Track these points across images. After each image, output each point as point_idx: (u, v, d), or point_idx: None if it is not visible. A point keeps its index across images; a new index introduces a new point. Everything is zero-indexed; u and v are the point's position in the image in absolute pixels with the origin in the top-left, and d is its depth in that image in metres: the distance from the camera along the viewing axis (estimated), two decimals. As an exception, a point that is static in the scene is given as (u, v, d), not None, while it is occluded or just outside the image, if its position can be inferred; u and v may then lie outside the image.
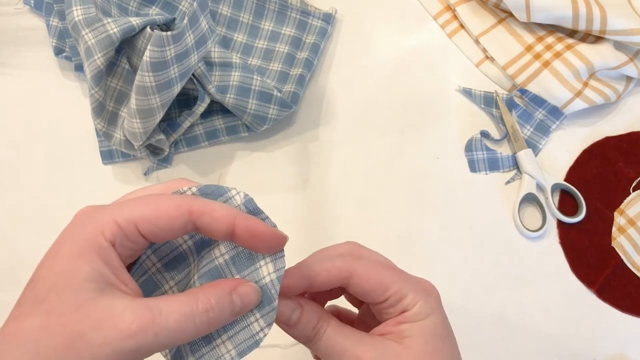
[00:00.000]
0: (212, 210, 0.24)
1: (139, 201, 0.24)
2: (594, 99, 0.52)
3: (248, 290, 0.25)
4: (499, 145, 0.53)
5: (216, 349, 0.26)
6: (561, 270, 0.49)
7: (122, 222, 0.23)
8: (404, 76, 0.55)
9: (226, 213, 0.24)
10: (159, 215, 0.24)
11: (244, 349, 0.26)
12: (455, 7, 0.57)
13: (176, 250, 0.27)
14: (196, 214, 0.24)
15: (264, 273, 0.26)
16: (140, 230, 0.23)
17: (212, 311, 0.24)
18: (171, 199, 0.24)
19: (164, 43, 0.39)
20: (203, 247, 0.27)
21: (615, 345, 0.47)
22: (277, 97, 0.49)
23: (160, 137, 0.46)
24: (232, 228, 0.24)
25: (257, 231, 0.25)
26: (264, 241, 0.25)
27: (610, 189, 0.51)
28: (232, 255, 0.26)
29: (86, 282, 0.22)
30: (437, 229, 0.50)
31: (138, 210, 0.24)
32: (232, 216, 0.24)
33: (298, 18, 0.55)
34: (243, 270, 0.26)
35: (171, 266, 0.27)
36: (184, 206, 0.24)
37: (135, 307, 0.22)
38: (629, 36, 0.50)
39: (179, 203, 0.24)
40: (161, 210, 0.24)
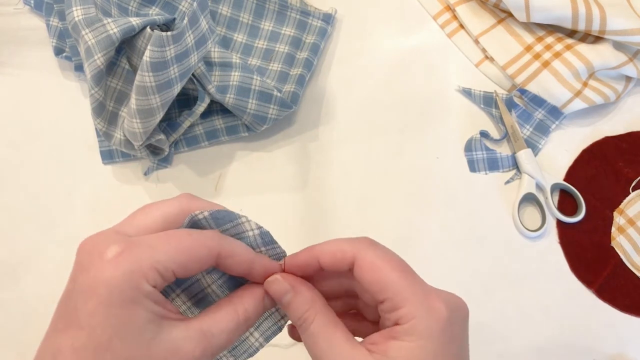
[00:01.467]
0: (237, 254, 0.27)
1: (172, 243, 0.25)
2: (594, 98, 0.52)
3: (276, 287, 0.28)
4: (498, 145, 0.53)
5: (246, 341, 0.29)
6: (561, 270, 0.49)
7: (161, 269, 0.24)
8: (404, 76, 0.55)
9: (247, 259, 0.27)
10: (192, 260, 0.25)
11: (269, 335, 0.29)
12: (454, 7, 0.57)
13: (203, 292, 0.29)
14: (223, 257, 0.26)
15: None
16: (175, 273, 0.25)
17: (251, 320, 0.27)
18: (201, 241, 0.26)
19: (164, 43, 0.39)
20: (227, 289, 0.30)
21: (615, 345, 0.47)
22: (277, 97, 0.49)
23: (160, 137, 0.46)
24: (249, 272, 0.27)
25: (265, 274, 0.28)
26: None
27: (609, 189, 0.51)
28: None
29: (147, 325, 0.24)
30: (436, 229, 0.50)
31: (174, 256, 0.25)
32: (251, 261, 0.27)
33: (298, 18, 0.55)
34: None
35: (199, 305, 0.29)
36: (214, 250, 0.26)
37: (192, 336, 0.25)
38: (629, 36, 0.50)
39: (209, 246, 0.26)
40: (194, 255, 0.25)
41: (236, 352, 0.29)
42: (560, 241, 0.50)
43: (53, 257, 0.47)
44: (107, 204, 0.50)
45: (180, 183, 0.51)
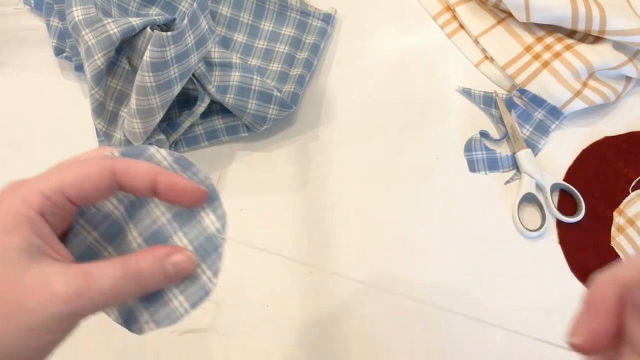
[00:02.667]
0: (134, 168, 0.25)
1: (62, 168, 0.25)
2: (593, 99, 0.52)
3: (182, 258, 0.26)
4: (498, 145, 0.53)
5: (170, 303, 0.27)
6: (560, 270, 0.49)
7: (48, 191, 0.24)
8: (404, 76, 0.55)
9: (147, 170, 0.26)
10: (83, 179, 0.24)
11: (196, 300, 0.27)
12: (454, 7, 0.57)
13: (109, 217, 0.28)
14: (119, 173, 0.25)
15: (207, 223, 0.28)
16: (67, 196, 0.24)
17: (142, 276, 0.25)
18: (93, 162, 0.25)
19: (164, 43, 0.39)
20: (135, 210, 0.28)
21: (615, 345, 0.47)
22: (277, 97, 0.49)
23: (160, 137, 0.46)
24: (154, 185, 0.26)
25: (177, 186, 0.26)
26: (185, 195, 0.26)
27: (609, 189, 0.51)
28: (173, 213, 0.28)
29: (18, 253, 0.23)
30: (436, 229, 0.50)
31: (63, 177, 0.24)
32: (153, 173, 0.26)
33: (298, 18, 0.55)
34: (185, 225, 0.27)
35: (107, 233, 0.28)
36: (106, 167, 0.25)
37: (69, 273, 0.23)
38: (628, 36, 0.50)
39: (101, 165, 0.25)
40: (85, 173, 0.25)
41: (157, 317, 0.27)
42: (560, 241, 0.50)
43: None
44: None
45: (180, 183, 0.51)
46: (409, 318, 0.47)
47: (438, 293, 0.48)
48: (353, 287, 0.48)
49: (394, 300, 0.48)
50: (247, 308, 0.47)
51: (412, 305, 0.48)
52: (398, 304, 0.48)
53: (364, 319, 0.47)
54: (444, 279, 0.48)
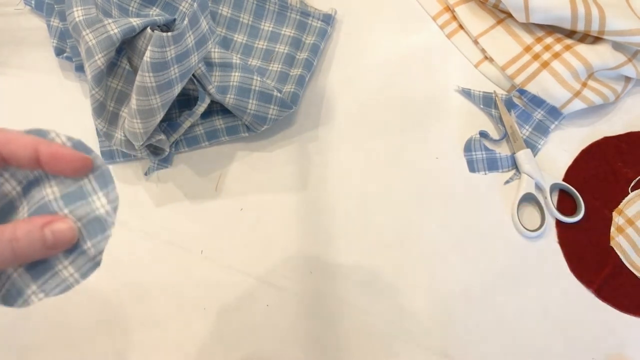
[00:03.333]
0: (16, 139, 0.25)
1: None
2: (593, 99, 0.52)
3: (62, 226, 0.26)
4: (498, 145, 0.53)
5: (59, 274, 0.28)
6: (560, 270, 0.49)
7: None
8: (404, 77, 0.55)
9: (29, 140, 0.26)
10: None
11: (86, 271, 0.28)
12: (454, 7, 0.57)
13: (6, 197, 0.28)
14: (1, 145, 0.25)
15: (97, 205, 0.28)
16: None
17: (16, 242, 0.25)
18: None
19: (165, 44, 0.39)
20: (30, 188, 0.29)
21: (614, 345, 0.47)
22: (277, 98, 0.49)
23: (160, 137, 0.46)
24: (37, 154, 0.26)
25: (59, 154, 0.26)
26: (68, 163, 0.26)
27: (609, 189, 0.51)
28: (62, 192, 0.28)
29: None
30: (436, 229, 0.50)
31: None
32: (35, 142, 0.26)
33: (298, 19, 0.55)
34: (72, 204, 0.28)
35: (1, 212, 0.28)
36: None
37: None
38: (628, 37, 0.51)
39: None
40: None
41: (46, 287, 0.28)
42: (560, 241, 0.50)
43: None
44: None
45: (181, 183, 0.51)
46: (408, 318, 0.47)
47: (438, 293, 0.48)
48: (353, 287, 0.48)
49: (394, 300, 0.48)
50: (247, 308, 0.47)
51: (412, 304, 0.48)
52: (398, 303, 0.48)
53: (364, 319, 0.47)
54: (443, 278, 0.48)
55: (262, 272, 0.48)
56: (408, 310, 0.48)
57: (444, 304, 0.48)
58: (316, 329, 0.47)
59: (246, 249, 0.49)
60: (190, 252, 0.48)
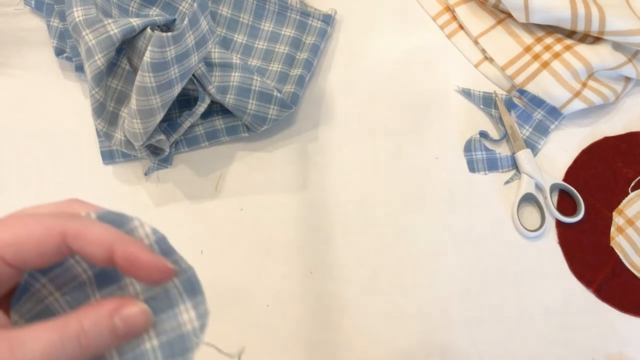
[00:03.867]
0: (88, 232, 0.21)
1: (4, 224, 0.21)
2: (593, 99, 0.52)
3: (133, 311, 0.22)
4: (498, 145, 0.53)
5: None
6: (560, 270, 0.49)
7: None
8: (404, 77, 0.55)
9: (103, 236, 0.22)
10: (24, 240, 0.21)
11: None
12: (454, 7, 0.57)
13: (75, 280, 0.25)
14: (70, 236, 0.21)
15: (184, 319, 0.24)
16: (4, 258, 0.21)
17: (84, 336, 0.21)
18: (42, 220, 0.21)
19: (164, 44, 0.39)
20: (106, 280, 0.25)
21: (614, 345, 0.47)
22: (277, 98, 0.49)
23: (160, 137, 0.46)
24: (111, 254, 0.22)
25: (136, 261, 0.22)
26: (146, 272, 0.22)
27: (608, 189, 0.51)
28: (145, 293, 0.24)
29: None
30: (436, 229, 0.50)
31: (1, 235, 0.21)
32: (110, 240, 0.22)
33: (298, 19, 0.55)
34: (159, 314, 0.24)
35: (71, 297, 0.25)
36: (55, 228, 0.21)
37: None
38: (628, 37, 0.51)
39: (49, 225, 0.21)
40: (28, 233, 0.21)
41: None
42: (560, 241, 0.50)
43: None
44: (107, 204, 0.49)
45: (181, 183, 0.51)
46: (408, 318, 0.47)
47: (437, 293, 0.48)
48: (353, 287, 0.48)
49: (394, 300, 0.48)
50: (247, 308, 0.47)
51: (412, 305, 0.48)
52: (398, 303, 0.48)
53: (364, 319, 0.47)
54: (443, 278, 0.48)
55: (262, 272, 0.48)
56: (408, 310, 0.48)
57: (443, 303, 0.48)
58: (316, 329, 0.47)
59: (246, 249, 0.49)
60: (190, 252, 0.48)
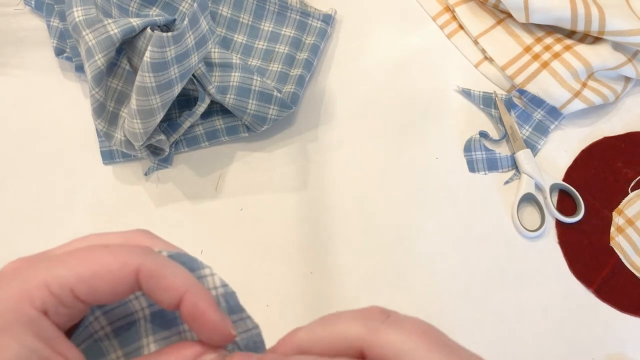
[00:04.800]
0: (164, 276, 0.20)
1: (77, 256, 0.20)
2: (593, 99, 0.52)
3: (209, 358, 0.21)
4: (498, 145, 0.53)
5: None
6: (560, 270, 0.49)
7: (54, 286, 0.19)
8: (403, 77, 0.55)
9: (178, 283, 0.21)
10: (99, 276, 0.20)
11: None
12: (454, 7, 0.57)
13: (130, 316, 0.23)
14: (144, 276, 0.20)
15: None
16: (76, 294, 0.20)
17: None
18: (118, 254, 0.20)
19: (165, 44, 0.39)
20: (163, 322, 0.23)
21: (614, 345, 0.47)
22: (277, 98, 0.49)
23: (160, 137, 0.46)
24: (179, 303, 0.21)
25: (203, 316, 0.21)
26: (208, 331, 0.21)
27: (608, 189, 0.51)
28: None
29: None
30: (436, 229, 0.50)
31: (75, 269, 0.20)
32: (184, 289, 0.21)
33: (298, 19, 0.55)
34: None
35: (122, 335, 0.23)
36: (130, 265, 0.20)
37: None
38: (628, 37, 0.51)
39: (125, 261, 0.20)
40: (103, 269, 0.20)
41: None
42: (559, 241, 0.50)
43: (54, 257, 0.47)
44: (107, 204, 0.50)
45: (181, 183, 0.51)
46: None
47: (438, 293, 0.48)
48: (353, 287, 0.48)
49: (394, 300, 0.48)
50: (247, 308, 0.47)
51: (412, 305, 0.48)
52: (398, 303, 0.48)
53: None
54: (443, 279, 0.48)
55: (262, 272, 0.48)
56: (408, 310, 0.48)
57: (443, 303, 0.48)
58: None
59: (246, 249, 0.49)
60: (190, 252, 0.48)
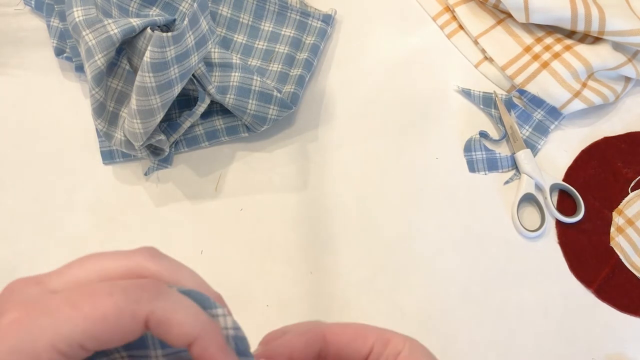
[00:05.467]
0: (175, 321, 0.20)
1: (82, 308, 0.19)
2: (593, 99, 0.52)
3: None
4: (498, 145, 0.53)
5: None
6: (560, 270, 0.49)
7: (62, 345, 0.18)
8: (403, 77, 0.55)
9: (189, 328, 0.20)
10: (108, 330, 0.19)
11: None
12: (454, 7, 0.57)
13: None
14: (154, 322, 0.20)
15: None
16: (85, 348, 0.19)
17: None
18: (124, 303, 0.19)
19: (165, 44, 0.39)
20: None
21: (614, 345, 0.47)
22: (277, 98, 0.49)
23: (160, 137, 0.46)
24: (191, 344, 0.20)
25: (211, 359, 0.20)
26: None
27: (608, 189, 0.51)
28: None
29: None
30: (436, 229, 0.50)
31: (81, 326, 0.19)
32: (195, 335, 0.20)
33: (298, 19, 0.55)
34: None
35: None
36: (140, 315, 0.19)
37: None
38: (628, 37, 0.51)
39: (134, 311, 0.19)
40: (111, 322, 0.19)
41: None
42: (560, 241, 0.50)
43: (54, 258, 0.47)
44: (107, 204, 0.50)
45: (181, 183, 0.51)
46: (408, 318, 0.47)
47: (438, 293, 0.48)
48: (353, 287, 0.48)
49: (394, 300, 0.48)
50: (247, 308, 0.47)
51: (412, 305, 0.48)
52: (398, 303, 0.48)
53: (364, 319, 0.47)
54: (443, 279, 0.48)
55: (262, 272, 0.48)
56: (408, 310, 0.48)
57: (443, 304, 0.48)
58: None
59: (246, 249, 0.49)
60: (190, 252, 0.48)
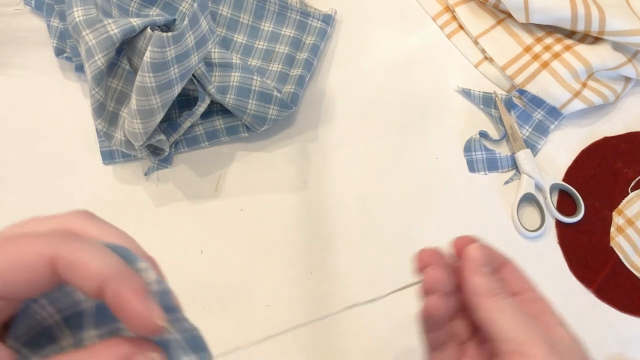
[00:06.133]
0: (82, 263, 0.18)
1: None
2: (593, 99, 0.52)
3: (153, 358, 0.20)
4: (498, 145, 0.53)
5: None
6: (560, 270, 0.49)
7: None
8: (403, 77, 0.55)
9: (96, 270, 0.18)
10: (11, 269, 0.18)
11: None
12: (454, 7, 0.57)
13: (77, 305, 0.23)
14: (61, 265, 0.18)
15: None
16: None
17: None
18: (32, 243, 0.18)
19: (165, 44, 0.39)
20: (107, 313, 0.22)
21: (614, 345, 0.47)
22: (277, 98, 0.49)
23: (160, 137, 0.46)
24: (101, 292, 0.19)
25: (126, 305, 0.19)
26: (131, 319, 0.19)
27: (608, 189, 0.51)
28: None
29: None
30: (436, 229, 0.50)
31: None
32: (103, 278, 0.18)
33: (298, 19, 0.55)
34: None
35: (71, 322, 0.23)
36: (44, 255, 0.18)
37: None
38: (628, 37, 0.51)
39: (39, 250, 0.18)
40: (15, 261, 0.18)
41: None
42: (560, 241, 0.50)
43: (54, 257, 0.47)
44: (107, 204, 0.50)
45: (181, 183, 0.51)
46: (408, 318, 0.47)
47: (437, 293, 0.48)
48: (353, 287, 0.48)
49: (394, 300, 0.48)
50: (247, 308, 0.47)
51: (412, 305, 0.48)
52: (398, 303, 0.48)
53: (364, 319, 0.47)
54: (443, 279, 0.48)
55: (262, 272, 0.48)
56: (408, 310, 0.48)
57: (443, 304, 0.48)
58: (316, 329, 0.47)
59: (246, 249, 0.49)
60: (190, 252, 0.48)
